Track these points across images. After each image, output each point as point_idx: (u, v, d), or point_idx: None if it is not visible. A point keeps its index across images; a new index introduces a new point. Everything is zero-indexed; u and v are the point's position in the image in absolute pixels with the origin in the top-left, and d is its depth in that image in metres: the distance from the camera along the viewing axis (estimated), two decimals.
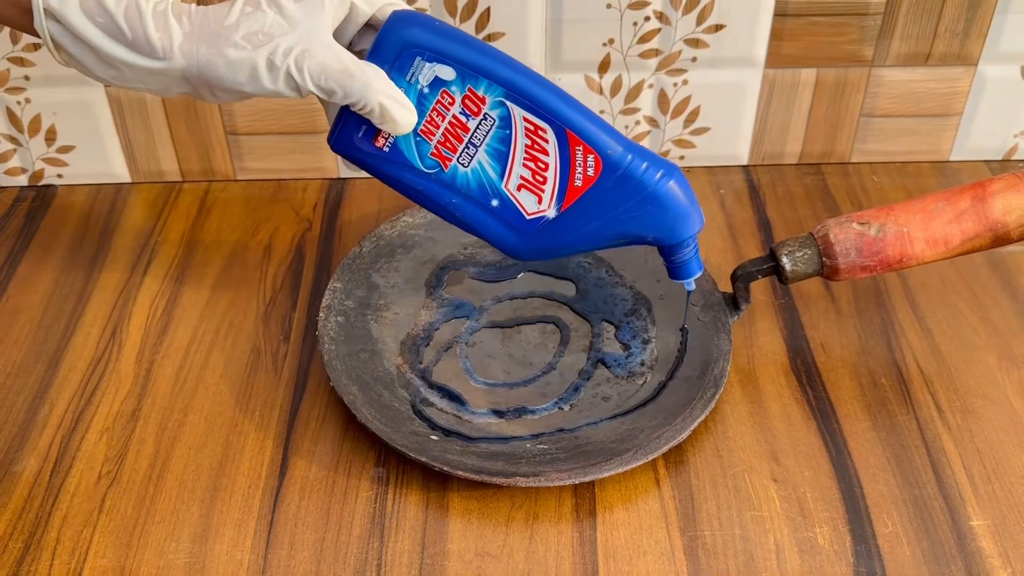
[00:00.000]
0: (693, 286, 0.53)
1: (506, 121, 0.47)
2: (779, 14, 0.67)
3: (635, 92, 0.70)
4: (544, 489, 0.52)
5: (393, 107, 0.46)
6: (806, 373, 0.58)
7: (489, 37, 0.67)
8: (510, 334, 0.60)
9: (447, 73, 0.47)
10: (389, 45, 0.46)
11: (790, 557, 0.49)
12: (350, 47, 0.48)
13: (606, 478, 0.52)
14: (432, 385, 0.57)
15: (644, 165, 0.48)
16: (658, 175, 0.48)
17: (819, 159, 0.74)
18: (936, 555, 0.49)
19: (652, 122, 0.72)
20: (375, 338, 0.60)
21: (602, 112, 0.71)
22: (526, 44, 0.67)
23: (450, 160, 0.48)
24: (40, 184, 0.73)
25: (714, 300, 0.60)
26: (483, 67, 0.47)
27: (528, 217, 0.49)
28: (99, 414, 0.56)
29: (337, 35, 0.47)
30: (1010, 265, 0.65)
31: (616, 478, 0.52)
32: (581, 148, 0.47)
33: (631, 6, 0.66)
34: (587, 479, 0.50)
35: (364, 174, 0.73)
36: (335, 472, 0.53)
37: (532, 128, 0.47)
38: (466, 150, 0.48)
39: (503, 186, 0.48)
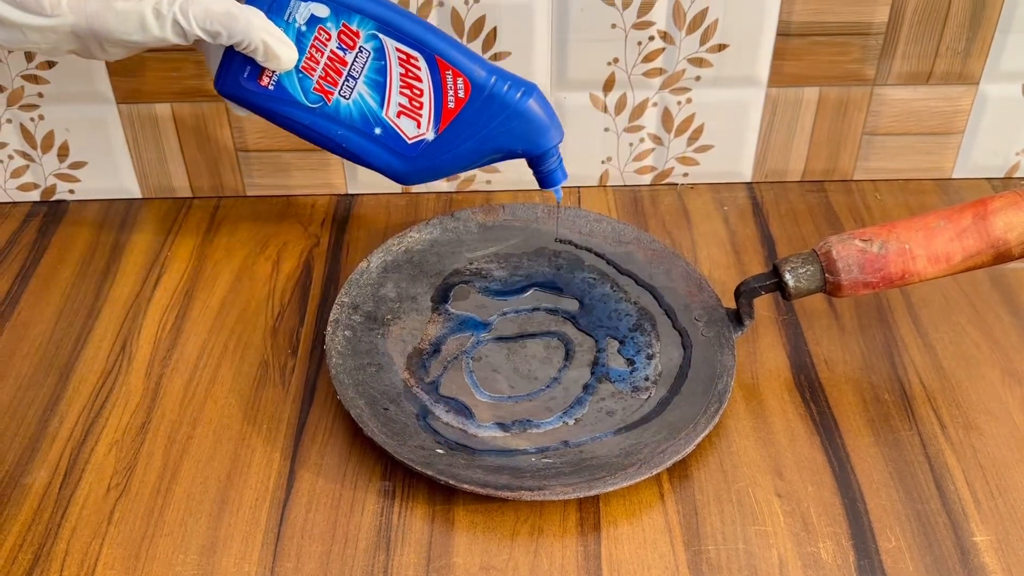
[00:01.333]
0: (561, 194, 0.57)
1: (380, 53, 0.51)
2: (782, 34, 0.68)
3: (639, 110, 0.71)
4: (549, 503, 0.52)
5: (275, 44, 0.49)
6: (809, 389, 0.59)
7: (496, 56, 0.68)
8: (515, 348, 0.61)
9: (321, 11, 0.50)
10: None
11: (793, 572, 0.49)
12: None
13: (610, 492, 0.52)
14: (438, 399, 0.58)
15: (507, 85, 0.52)
16: (519, 94, 0.52)
17: (822, 176, 0.75)
18: (939, 571, 0.49)
19: (656, 140, 0.72)
20: (382, 352, 0.60)
21: (607, 130, 0.71)
22: (532, 63, 0.68)
23: (332, 93, 0.51)
24: (52, 199, 0.74)
25: (718, 316, 0.60)
26: (354, 3, 0.50)
27: (409, 142, 0.53)
28: (108, 427, 0.56)
29: None
30: (1011, 281, 0.65)
31: (620, 492, 0.52)
32: (451, 73, 0.51)
33: (635, 26, 0.67)
34: (591, 493, 0.50)
35: (372, 190, 0.75)
36: (342, 485, 0.53)
37: (405, 57, 0.51)
38: (346, 83, 0.51)
39: (384, 114, 0.52)
